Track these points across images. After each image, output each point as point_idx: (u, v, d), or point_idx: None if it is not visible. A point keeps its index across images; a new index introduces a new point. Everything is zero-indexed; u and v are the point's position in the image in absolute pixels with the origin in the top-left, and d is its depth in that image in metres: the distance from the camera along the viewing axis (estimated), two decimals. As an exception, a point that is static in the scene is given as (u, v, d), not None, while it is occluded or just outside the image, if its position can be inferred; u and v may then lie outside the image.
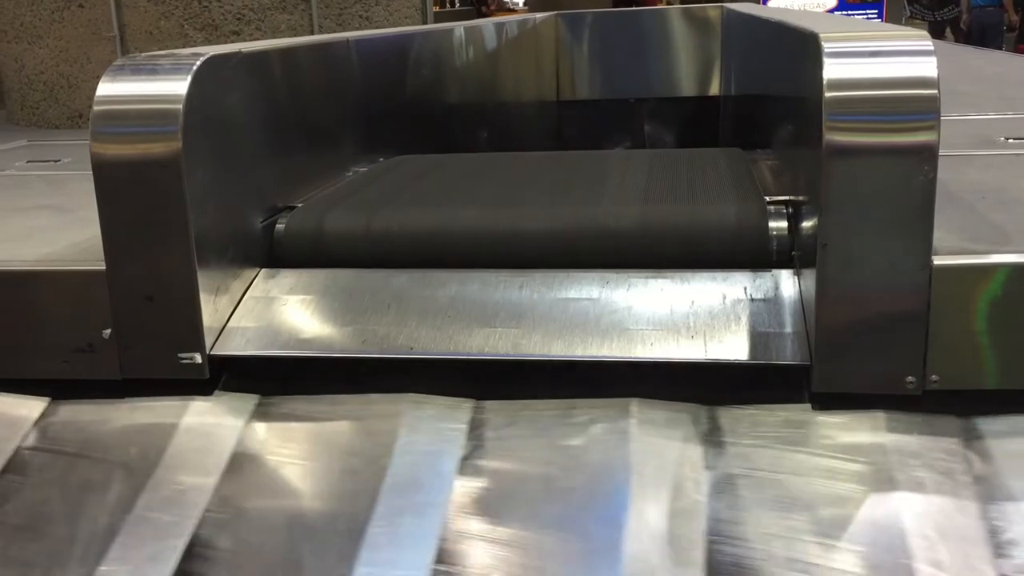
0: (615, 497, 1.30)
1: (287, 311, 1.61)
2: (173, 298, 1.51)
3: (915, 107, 1.30)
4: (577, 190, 1.92)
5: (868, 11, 10.26)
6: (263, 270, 1.71)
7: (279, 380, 1.57)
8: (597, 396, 1.46)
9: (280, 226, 1.78)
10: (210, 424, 1.50)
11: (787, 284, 1.53)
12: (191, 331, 1.51)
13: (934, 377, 1.36)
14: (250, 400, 1.53)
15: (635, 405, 1.43)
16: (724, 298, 1.51)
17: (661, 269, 1.58)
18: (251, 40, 3.66)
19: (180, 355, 1.52)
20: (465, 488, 1.33)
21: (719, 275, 1.55)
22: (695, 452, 1.35)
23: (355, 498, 1.34)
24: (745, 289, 1.52)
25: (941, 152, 1.28)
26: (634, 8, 9.43)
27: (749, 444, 1.36)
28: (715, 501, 1.27)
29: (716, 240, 1.63)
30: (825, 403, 1.39)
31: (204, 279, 1.51)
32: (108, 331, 1.53)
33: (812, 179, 1.38)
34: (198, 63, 1.51)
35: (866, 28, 1.50)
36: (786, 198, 1.69)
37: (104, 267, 1.52)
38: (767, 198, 1.71)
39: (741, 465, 1.33)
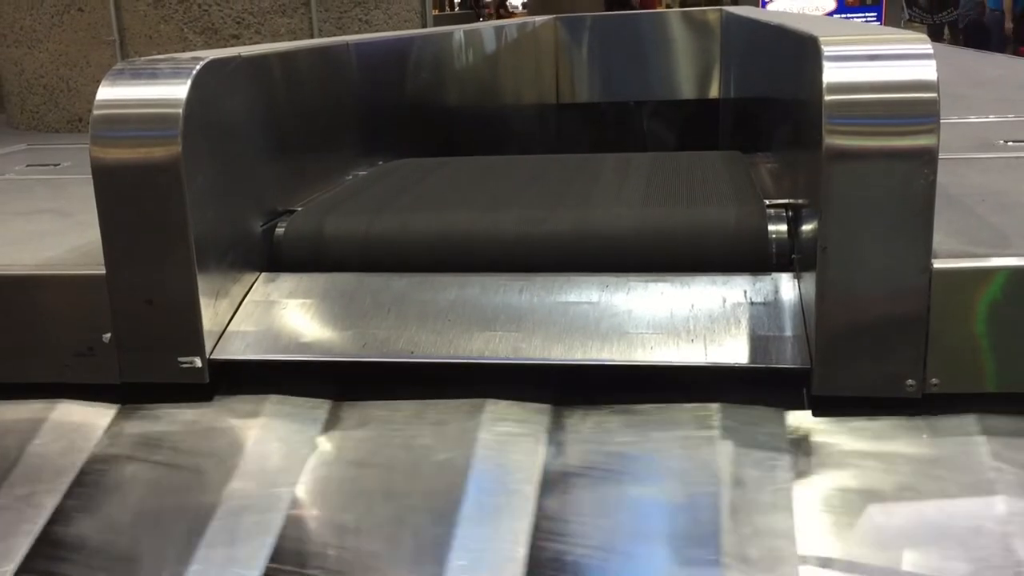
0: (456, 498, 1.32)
1: (287, 315, 1.61)
2: (173, 302, 1.50)
3: (915, 110, 1.30)
4: (577, 194, 1.92)
5: (867, 13, 10.27)
6: (263, 274, 1.71)
7: (277, 384, 1.57)
8: (593, 402, 1.46)
9: (280, 230, 1.78)
10: (71, 425, 1.51)
11: (787, 287, 1.53)
12: (191, 335, 1.51)
13: (934, 380, 1.36)
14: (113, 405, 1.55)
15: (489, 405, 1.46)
16: (724, 302, 1.51)
17: (661, 273, 1.58)
18: (251, 44, 3.67)
19: (180, 359, 1.52)
20: (310, 486, 1.36)
21: (719, 279, 1.55)
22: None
23: (200, 495, 1.36)
24: (745, 293, 1.52)
25: (941, 155, 1.28)
26: (633, 11, 9.44)
27: (582, 442, 1.40)
28: (545, 498, 1.29)
29: (716, 244, 1.63)
30: (825, 406, 1.39)
31: (204, 283, 1.51)
32: (108, 335, 1.53)
33: (812, 182, 1.38)
34: (198, 67, 1.51)
35: (865, 31, 1.50)
36: (786, 201, 1.69)
37: (104, 271, 1.52)
38: (767, 201, 1.71)
39: (575, 462, 1.36)
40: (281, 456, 1.42)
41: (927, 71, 1.31)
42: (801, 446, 1.35)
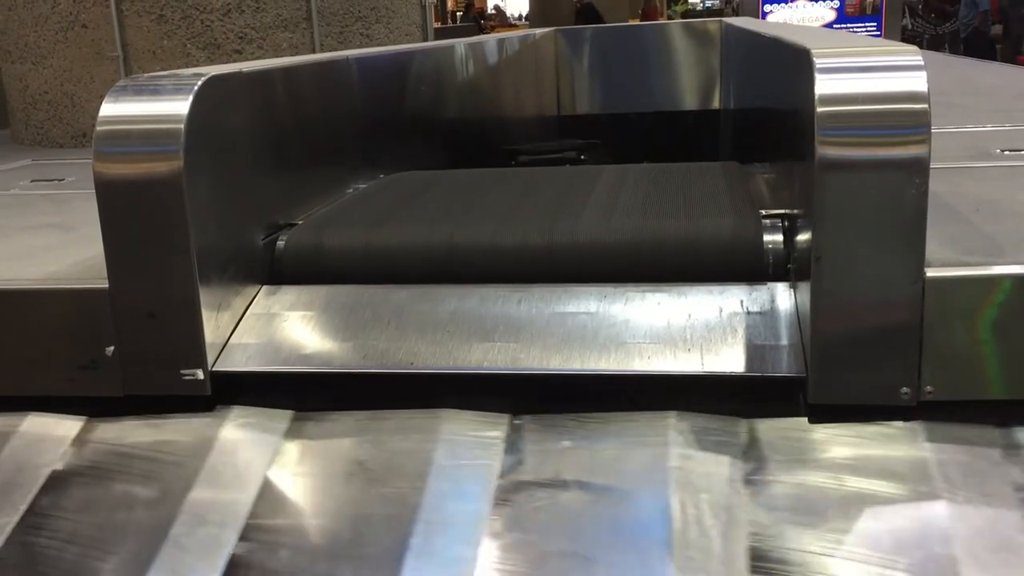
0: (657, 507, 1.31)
1: (288, 327, 1.63)
2: (175, 315, 1.52)
3: (906, 121, 1.31)
4: (575, 205, 1.94)
5: (867, 24, 10.28)
6: (264, 287, 1.73)
7: (277, 396, 1.58)
8: (592, 410, 1.47)
9: (281, 243, 1.80)
10: (240, 440, 1.51)
11: (783, 297, 1.54)
12: (193, 348, 1.53)
13: (928, 388, 1.37)
14: (281, 416, 1.53)
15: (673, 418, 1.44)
16: (721, 311, 1.52)
17: (658, 283, 1.60)
18: (253, 59, 3.69)
19: (182, 371, 1.53)
20: (502, 504, 1.33)
21: (716, 288, 1.57)
22: None
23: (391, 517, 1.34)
24: (741, 302, 1.54)
25: (937, 164, 1.30)
26: (634, 23, 9.47)
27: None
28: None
29: (712, 254, 1.65)
30: (820, 415, 1.40)
31: (206, 296, 1.53)
32: (111, 348, 1.55)
33: (806, 193, 1.40)
34: (199, 83, 1.53)
35: (858, 43, 1.51)
36: (782, 211, 1.70)
37: (107, 285, 1.54)
38: (763, 211, 1.73)
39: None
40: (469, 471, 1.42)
41: (918, 82, 1.33)
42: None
